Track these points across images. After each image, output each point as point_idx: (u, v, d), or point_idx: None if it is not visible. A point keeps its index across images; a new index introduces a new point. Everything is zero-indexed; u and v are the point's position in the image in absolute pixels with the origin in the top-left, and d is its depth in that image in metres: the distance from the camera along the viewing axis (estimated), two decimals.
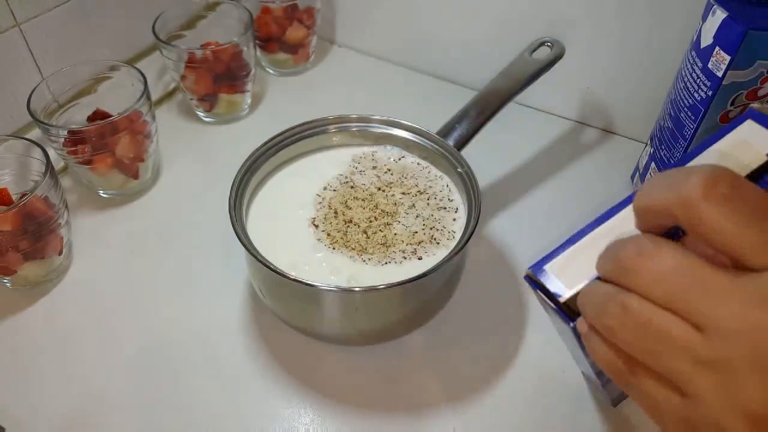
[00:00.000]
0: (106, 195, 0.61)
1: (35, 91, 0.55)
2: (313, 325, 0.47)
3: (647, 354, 0.26)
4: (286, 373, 0.48)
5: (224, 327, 0.51)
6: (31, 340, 0.50)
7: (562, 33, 0.62)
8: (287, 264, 0.43)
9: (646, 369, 0.26)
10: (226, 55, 0.64)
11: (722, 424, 0.24)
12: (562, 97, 0.70)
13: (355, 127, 0.54)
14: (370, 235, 0.47)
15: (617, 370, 0.28)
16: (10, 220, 0.47)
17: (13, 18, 0.57)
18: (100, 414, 0.45)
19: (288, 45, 0.74)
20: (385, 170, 0.53)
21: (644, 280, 0.26)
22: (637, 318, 0.26)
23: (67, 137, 0.54)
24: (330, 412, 0.45)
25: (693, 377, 0.24)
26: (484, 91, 0.54)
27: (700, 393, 0.24)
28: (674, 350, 0.25)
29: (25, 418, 0.45)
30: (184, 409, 0.46)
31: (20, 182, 0.54)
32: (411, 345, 0.49)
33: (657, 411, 0.27)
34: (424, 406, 0.46)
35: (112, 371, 0.48)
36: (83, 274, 0.55)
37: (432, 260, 0.46)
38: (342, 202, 0.50)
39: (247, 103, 0.71)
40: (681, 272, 0.25)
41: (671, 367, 0.25)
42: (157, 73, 0.73)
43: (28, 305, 0.52)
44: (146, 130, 0.58)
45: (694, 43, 0.51)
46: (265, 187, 0.52)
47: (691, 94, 0.51)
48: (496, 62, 0.58)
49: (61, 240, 0.52)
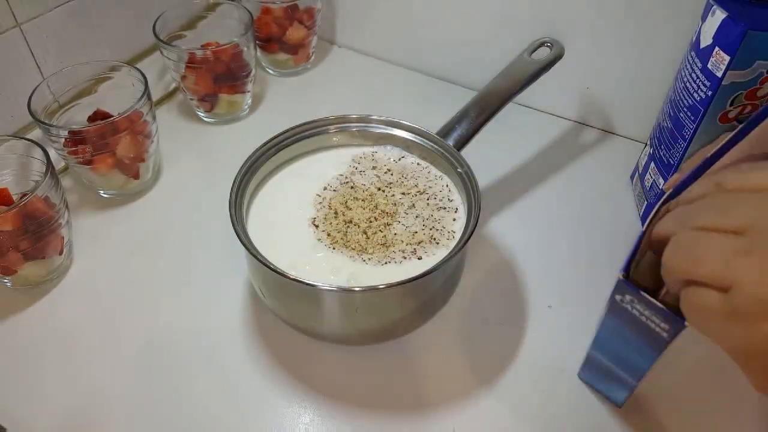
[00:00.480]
0: (106, 195, 0.61)
1: (36, 91, 0.55)
2: (313, 324, 0.47)
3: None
4: (286, 373, 0.48)
5: (224, 327, 0.51)
6: (31, 340, 0.50)
7: (561, 33, 0.62)
8: (287, 264, 0.43)
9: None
10: (226, 55, 0.64)
11: (762, 296, 0.25)
12: (562, 97, 0.70)
13: (355, 128, 0.54)
14: (370, 236, 0.48)
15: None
16: (10, 220, 0.47)
17: (13, 18, 0.57)
18: (101, 414, 0.45)
19: (288, 45, 0.74)
20: (385, 170, 0.53)
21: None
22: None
23: (68, 137, 0.54)
24: (330, 411, 0.45)
25: (731, 267, 0.26)
26: (484, 92, 0.54)
27: (738, 279, 0.26)
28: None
29: (25, 418, 0.45)
30: (184, 409, 0.46)
31: (21, 182, 0.54)
32: (411, 345, 0.49)
33: (704, 316, 0.28)
34: (424, 406, 0.46)
35: (113, 371, 0.48)
36: (84, 274, 0.55)
37: (432, 260, 0.46)
38: (342, 202, 0.50)
39: (247, 103, 0.71)
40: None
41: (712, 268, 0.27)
42: (158, 73, 0.73)
43: (29, 305, 0.52)
44: (147, 130, 0.58)
45: (693, 43, 0.51)
46: (265, 187, 0.52)
47: (690, 95, 0.51)
48: (495, 62, 0.58)
49: (61, 240, 0.53)
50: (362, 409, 0.46)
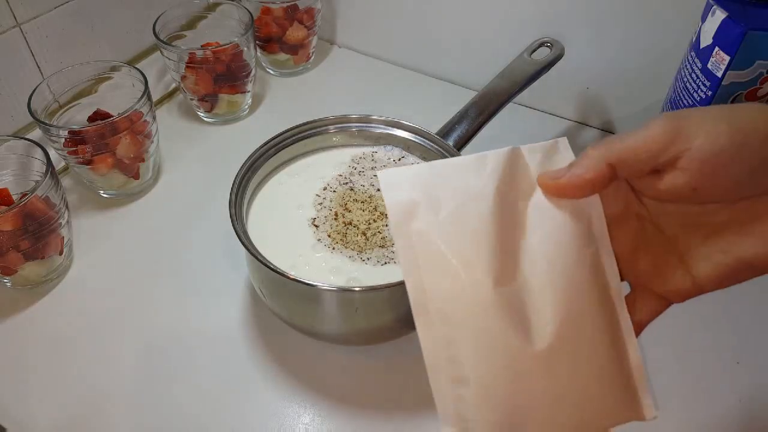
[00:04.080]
0: (106, 195, 0.61)
1: (36, 91, 0.55)
2: (313, 325, 0.47)
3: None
4: (285, 373, 0.48)
5: (224, 327, 0.51)
6: (31, 340, 0.50)
7: (561, 33, 0.62)
8: (287, 264, 0.43)
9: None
10: (226, 55, 0.64)
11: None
12: (562, 97, 0.70)
13: (355, 128, 0.54)
14: (369, 237, 0.48)
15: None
16: (10, 220, 0.47)
17: (13, 18, 0.57)
18: (101, 413, 0.45)
19: (288, 45, 0.74)
20: None
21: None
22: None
23: (68, 137, 0.54)
24: (329, 411, 0.45)
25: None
26: (484, 92, 0.54)
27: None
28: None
29: (25, 418, 0.45)
30: (184, 409, 0.46)
31: (21, 182, 0.54)
32: (411, 345, 0.49)
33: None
34: (424, 406, 0.46)
35: (113, 370, 0.48)
36: (84, 274, 0.55)
37: None
38: (341, 204, 0.50)
39: (247, 103, 0.71)
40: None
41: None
42: (158, 73, 0.73)
43: (29, 305, 0.52)
44: (147, 130, 0.58)
45: (693, 43, 0.51)
46: (265, 187, 0.52)
47: (690, 94, 0.51)
48: (496, 63, 0.58)
49: (61, 240, 0.53)
50: (362, 409, 0.46)
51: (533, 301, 0.29)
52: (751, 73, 0.46)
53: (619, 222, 0.31)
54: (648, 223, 0.31)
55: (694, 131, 0.27)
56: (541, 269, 0.29)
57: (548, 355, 0.28)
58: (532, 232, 0.30)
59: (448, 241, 0.29)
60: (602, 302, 0.30)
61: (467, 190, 0.30)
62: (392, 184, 0.30)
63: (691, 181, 0.27)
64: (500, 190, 0.30)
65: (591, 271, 0.30)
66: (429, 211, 0.30)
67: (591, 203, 0.30)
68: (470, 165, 0.31)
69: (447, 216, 0.29)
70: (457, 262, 0.29)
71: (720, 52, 0.46)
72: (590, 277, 0.30)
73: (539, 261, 0.29)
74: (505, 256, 0.29)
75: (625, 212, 0.31)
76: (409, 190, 0.30)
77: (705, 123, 0.27)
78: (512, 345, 0.28)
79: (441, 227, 0.29)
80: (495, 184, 0.30)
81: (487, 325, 0.28)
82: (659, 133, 0.27)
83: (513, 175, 0.31)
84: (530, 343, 0.28)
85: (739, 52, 0.45)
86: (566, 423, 0.29)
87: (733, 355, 0.49)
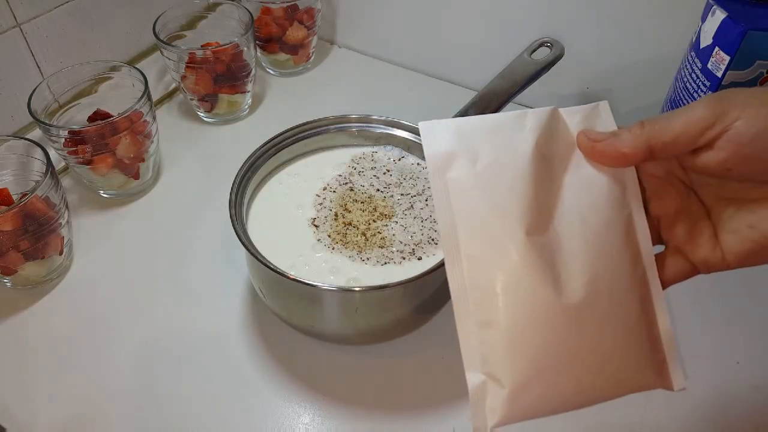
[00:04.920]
0: (106, 195, 0.61)
1: (36, 91, 0.55)
2: (313, 324, 0.47)
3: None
4: (285, 373, 0.48)
5: (224, 327, 0.51)
6: (31, 340, 0.50)
7: (561, 33, 0.62)
8: (287, 264, 0.43)
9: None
10: (226, 55, 0.64)
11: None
12: (562, 97, 0.70)
13: (355, 128, 0.54)
14: (368, 237, 0.48)
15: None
16: (10, 220, 0.47)
17: (13, 18, 0.57)
18: (101, 413, 0.45)
19: (288, 45, 0.74)
20: (384, 171, 0.53)
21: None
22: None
23: (68, 137, 0.54)
24: (329, 411, 0.45)
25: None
26: (484, 92, 0.54)
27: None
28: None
29: (25, 418, 0.45)
30: (184, 408, 0.46)
31: (21, 182, 0.54)
32: (411, 345, 0.49)
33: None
34: (424, 406, 0.46)
35: (112, 370, 0.48)
36: (84, 274, 0.55)
37: (431, 260, 0.46)
38: (341, 204, 0.50)
39: (247, 103, 0.71)
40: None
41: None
42: (158, 73, 0.73)
43: (29, 305, 0.52)
44: (147, 130, 0.58)
45: (693, 43, 0.51)
46: (265, 187, 0.52)
47: (690, 94, 0.51)
48: (496, 63, 0.58)
49: (61, 240, 0.53)
50: (362, 409, 0.46)
51: (563, 256, 0.29)
52: (751, 73, 0.46)
53: (664, 184, 0.32)
54: (690, 191, 0.32)
55: (735, 113, 0.27)
56: (573, 228, 0.30)
57: (577, 310, 0.29)
58: (567, 191, 0.31)
59: (483, 190, 0.30)
60: (633, 266, 0.30)
61: (506, 144, 0.31)
62: (432, 133, 0.31)
63: (726, 161, 0.28)
64: (539, 146, 0.30)
65: (623, 234, 0.30)
66: (466, 162, 0.30)
67: (627, 169, 0.31)
68: (510, 121, 0.31)
69: (484, 168, 0.30)
70: (491, 210, 0.29)
71: (720, 52, 0.46)
72: (622, 241, 0.30)
73: (573, 219, 0.30)
74: (539, 210, 0.30)
75: (669, 177, 0.32)
76: (448, 141, 0.31)
77: (748, 106, 0.27)
78: (541, 294, 0.28)
79: (477, 178, 0.30)
80: (534, 140, 0.30)
81: (516, 272, 0.29)
82: (700, 117, 0.28)
83: (552, 134, 0.31)
84: (559, 295, 0.29)
85: (739, 52, 0.45)
86: (590, 380, 0.29)
87: (733, 355, 0.49)
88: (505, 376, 0.28)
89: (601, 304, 0.29)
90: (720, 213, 0.31)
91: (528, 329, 0.29)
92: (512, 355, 0.29)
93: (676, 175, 0.32)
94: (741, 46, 0.44)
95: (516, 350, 0.29)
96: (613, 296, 0.30)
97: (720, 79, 0.47)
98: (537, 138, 0.30)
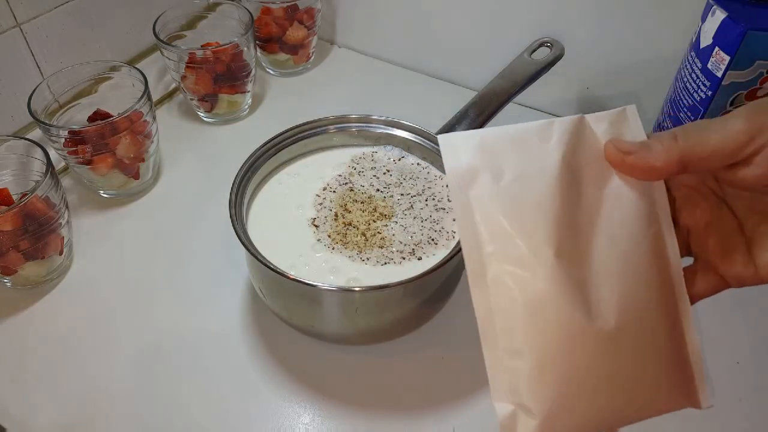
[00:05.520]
0: (106, 195, 0.61)
1: (36, 91, 0.55)
2: (313, 324, 0.47)
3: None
4: (285, 373, 0.48)
5: (224, 327, 0.51)
6: (31, 340, 0.50)
7: (561, 33, 0.62)
8: (287, 264, 0.43)
9: None
10: (226, 55, 0.64)
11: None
12: (562, 97, 0.70)
13: (355, 128, 0.54)
14: (368, 237, 0.48)
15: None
16: (10, 220, 0.47)
17: (13, 18, 0.57)
18: (100, 413, 0.45)
19: (288, 45, 0.74)
20: (384, 171, 0.53)
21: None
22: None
23: (68, 137, 0.54)
24: (329, 411, 0.45)
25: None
26: (484, 92, 0.54)
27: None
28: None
29: (25, 418, 0.45)
30: (183, 409, 0.46)
31: (21, 182, 0.54)
32: (411, 345, 0.49)
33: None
34: (424, 406, 0.46)
35: (113, 371, 0.48)
36: (84, 274, 0.55)
37: (431, 261, 0.46)
38: (341, 204, 0.50)
39: (247, 103, 0.71)
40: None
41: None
42: (158, 73, 0.73)
43: (29, 305, 0.52)
44: (147, 130, 0.58)
45: (693, 43, 0.51)
46: (265, 187, 0.52)
47: (690, 94, 0.51)
48: (495, 62, 0.58)
49: (61, 240, 0.53)
50: (362, 409, 0.46)
51: (593, 276, 0.28)
52: (751, 73, 0.46)
53: (695, 195, 0.31)
54: (722, 203, 0.31)
55: None
56: (602, 245, 0.29)
57: (610, 336, 0.28)
58: (595, 206, 0.29)
59: (507, 209, 0.28)
60: (662, 284, 0.30)
61: (531, 157, 0.29)
62: (451, 148, 0.29)
63: (764, 177, 0.27)
64: (566, 160, 0.29)
65: (652, 251, 0.29)
66: (490, 178, 0.29)
67: (656, 183, 0.30)
68: (535, 132, 0.30)
69: (509, 184, 0.29)
70: (516, 231, 0.28)
71: (720, 52, 0.46)
72: (651, 258, 0.29)
73: (601, 236, 0.29)
74: (568, 228, 0.28)
75: (701, 187, 0.31)
76: (470, 155, 0.29)
77: None
78: (572, 318, 0.27)
79: (502, 195, 0.29)
80: (560, 154, 0.29)
81: (545, 295, 0.27)
82: (738, 131, 0.26)
83: (579, 145, 0.30)
84: (590, 319, 0.28)
85: (739, 52, 0.45)
86: (620, 404, 0.28)
87: (733, 355, 0.49)
88: (535, 406, 0.27)
89: (632, 327, 0.28)
90: (754, 228, 0.30)
91: (559, 356, 0.28)
92: (542, 384, 0.28)
93: (708, 186, 0.31)
94: (741, 46, 0.44)
95: (546, 378, 0.28)
96: (643, 317, 0.29)
97: (720, 79, 0.47)
98: (564, 150, 0.29)
